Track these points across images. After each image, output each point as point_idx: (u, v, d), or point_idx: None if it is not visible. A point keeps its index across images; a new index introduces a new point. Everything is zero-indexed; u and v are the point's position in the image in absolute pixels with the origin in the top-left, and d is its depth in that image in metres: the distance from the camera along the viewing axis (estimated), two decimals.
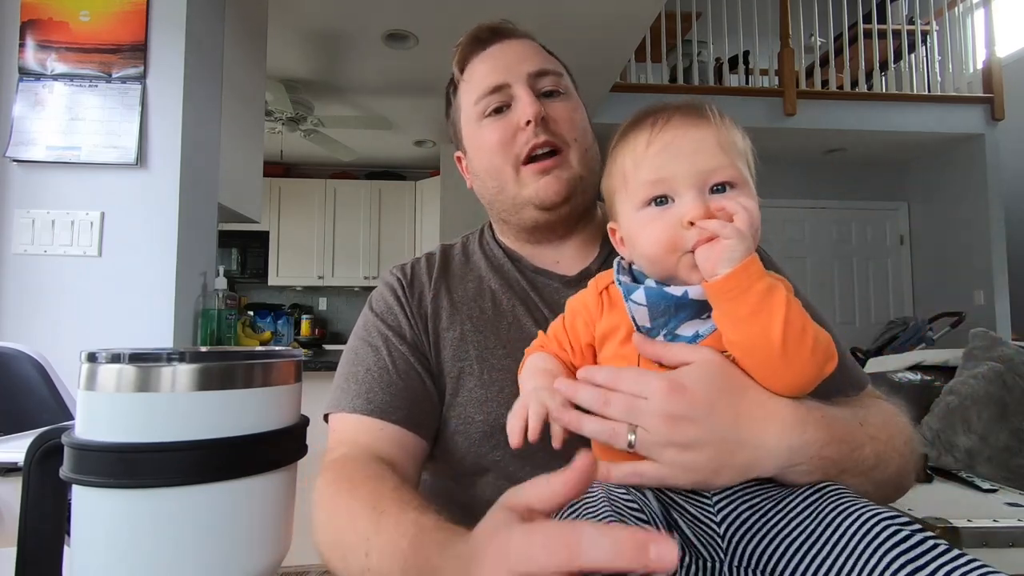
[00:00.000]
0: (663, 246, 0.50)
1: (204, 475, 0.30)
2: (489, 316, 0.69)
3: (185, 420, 0.30)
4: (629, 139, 0.54)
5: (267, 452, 0.33)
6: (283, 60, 3.04)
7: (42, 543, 0.34)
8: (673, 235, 0.49)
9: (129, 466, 0.30)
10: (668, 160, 0.51)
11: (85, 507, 0.30)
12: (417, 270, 0.74)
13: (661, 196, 0.51)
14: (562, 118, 0.68)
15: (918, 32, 4.27)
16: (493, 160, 0.69)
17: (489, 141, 0.69)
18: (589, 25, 2.71)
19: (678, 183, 0.50)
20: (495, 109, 0.69)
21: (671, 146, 0.51)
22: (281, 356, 0.35)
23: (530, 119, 0.66)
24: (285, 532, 0.35)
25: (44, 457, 0.34)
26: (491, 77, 0.69)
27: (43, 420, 0.86)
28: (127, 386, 0.30)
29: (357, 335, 0.72)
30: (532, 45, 0.73)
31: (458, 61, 0.73)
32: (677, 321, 0.50)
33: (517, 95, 0.68)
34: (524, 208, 0.69)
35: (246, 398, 0.32)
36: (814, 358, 0.46)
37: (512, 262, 0.74)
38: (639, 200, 0.52)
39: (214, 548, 0.31)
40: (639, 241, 0.53)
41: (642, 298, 0.51)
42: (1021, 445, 1.90)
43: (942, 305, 4.15)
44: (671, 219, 0.50)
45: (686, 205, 0.49)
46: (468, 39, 0.72)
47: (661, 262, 0.51)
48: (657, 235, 0.50)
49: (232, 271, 4.69)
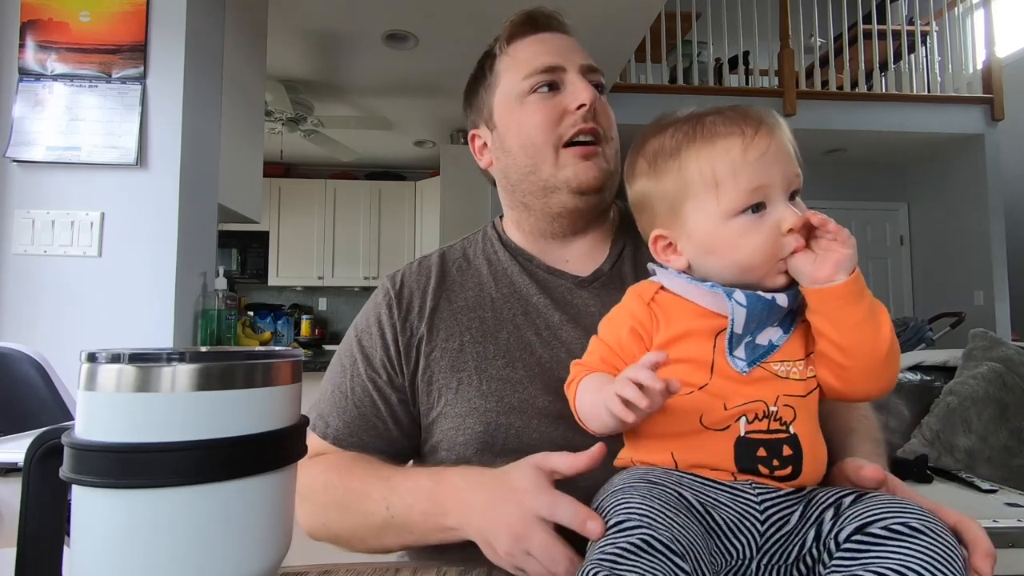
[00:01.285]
0: (764, 254, 0.51)
1: (204, 475, 0.30)
2: (489, 326, 0.68)
3: (185, 420, 0.30)
4: (716, 144, 0.52)
5: (267, 452, 0.33)
6: (283, 60, 3.04)
7: (42, 543, 0.34)
8: (775, 243, 0.50)
9: (129, 466, 0.29)
10: (767, 167, 0.51)
11: (85, 507, 0.30)
12: (409, 282, 0.73)
13: (759, 203, 0.51)
14: (605, 113, 0.70)
15: (918, 32, 4.27)
16: (534, 137, 0.68)
17: (533, 118, 0.68)
18: (589, 25, 2.71)
19: (773, 191, 0.51)
20: (546, 86, 0.68)
21: (767, 155, 0.51)
22: (281, 356, 0.35)
23: (585, 103, 0.66)
24: (285, 532, 0.35)
25: (44, 457, 0.34)
26: (546, 57, 0.69)
27: (43, 420, 0.86)
28: (127, 386, 0.30)
29: (340, 346, 0.75)
30: (579, 44, 0.74)
31: (507, 36, 0.73)
32: (761, 328, 0.51)
33: (571, 80, 0.68)
34: (556, 192, 0.68)
35: (246, 398, 0.32)
36: (898, 366, 0.49)
37: (520, 263, 0.73)
38: (734, 207, 0.51)
39: (214, 548, 0.31)
40: (735, 250, 0.51)
41: (743, 299, 0.50)
42: (1021, 445, 1.90)
43: (942, 305, 4.15)
44: (770, 226, 0.50)
45: (781, 213, 0.50)
46: (523, 17, 0.72)
47: (757, 269, 0.51)
48: (758, 243, 0.51)
49: (232, 271, 4.68)
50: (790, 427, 0.49)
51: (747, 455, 0.48)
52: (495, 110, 0.73)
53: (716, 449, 0.49)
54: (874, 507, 0.42)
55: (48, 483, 0.34)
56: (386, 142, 4.48)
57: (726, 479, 0.48)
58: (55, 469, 0.32)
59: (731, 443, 0.48)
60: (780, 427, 0.49)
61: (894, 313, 4.68)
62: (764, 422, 0.49)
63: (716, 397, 0.49)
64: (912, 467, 1.59)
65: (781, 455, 0.48)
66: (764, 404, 0.49)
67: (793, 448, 0.48)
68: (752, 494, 0.47)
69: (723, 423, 0.49)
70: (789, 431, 0.49)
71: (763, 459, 0.48)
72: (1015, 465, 1.89)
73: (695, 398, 0.50)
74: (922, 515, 0.40)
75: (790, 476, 0.48)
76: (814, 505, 0.46)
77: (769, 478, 0.48)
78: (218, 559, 0.31)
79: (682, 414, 0.50)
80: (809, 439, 0.49)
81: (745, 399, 0.49)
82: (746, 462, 0.48)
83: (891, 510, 0.41)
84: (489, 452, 0.63)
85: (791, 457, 0.48)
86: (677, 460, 0.50)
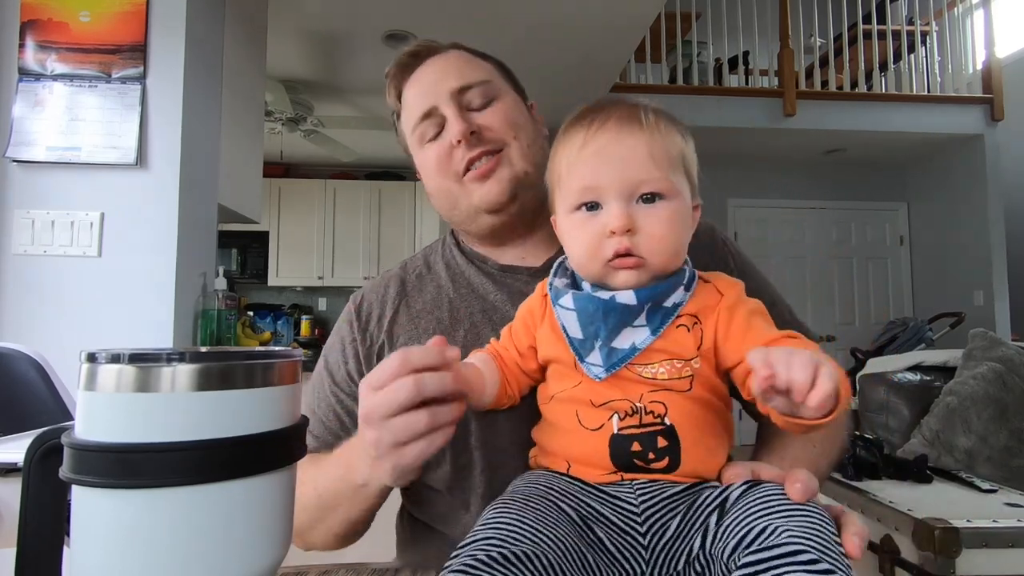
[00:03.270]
0: (588, 252, 0.51)
1: (204, 475, 0.30)
2: (446, 325, 0.69)
3: (185, 420, 0.30)
4: (567, 138, 0.54)
5: (267, 452, 0.33)
6: (283, 60, 3.04)
7: (41, 543, 0.34)
8: (598, 242, 0.51)
9: (129, 466, 0.29)
10: (598, 166, 0.51)
11: (85, 507, 0.30)
12: (369, 296, 0.75)
13: (589, 201, 0.52)
14: (494, 124, 0.69)
15: (918, 33, 4.27)
16: (438, 181, 0.70)
17: (430, 164, 0.70)
18: (589, 25, 2.71)
19: (605, 191, 0.51)
20: (433, 135, 0.70)
21: (602, 153, 0.51)
22: (281, 356, 0.35)
23: (459, 139, 0.67)
24: (285, 532, 0.35)
25: (44, 457, 0.34)
26: (420, 103, 0.70)
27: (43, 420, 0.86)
28: (127, 386, 0.30)
29: (318, 365, 0.76)
30: (457, 57, 0.73)
31: (393, 92, 0.75)
32: (607, 329, 0.50)
33: (446, 115, 0.68)
34: (478, 216, 0.70)
35: (246, 398, 0.32)
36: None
37: (477, 265, 0.74)
38: (570, 204, 0.53)
39: (214, 548, 0.31)
40: (568, 243, 0.55)
41: (570, 303, 0.52)
42: (1021, 445, 1.91)
43: (942, 305, 4.15)
44: (597, 226, 0.51)
45: (610, 214, 0.50)
46: (394, 68, 0.74)
47: (586, 267, 0.53)
48: (583, 240, 0.52)
49: (232, 271, 4.68)
50: (665, 419, 0.48)
51: (622, 451, 0.48)
52: (413, 159, 0.75)
53: (595, 448, 0.49)
54: (748, 513, 0.40)
55: (48, 483, 0.34)
56: (386, 142, 4.47)
57: (613, 479, 0.48)
58: (55, 469, 0.32)
59: (606, 441, 0.48)
60: (654, 420, 0.48)
61: (894, 313, 4.69)
62: (635, 417, 0.48)
63: (586, 395, 0.50)
64: (912, 467, 1.59)
65: (656, 447, 0.48)
66: (629, 402, 0.49)
67: (669, 439, 0.48)
68: (634, 500, 0.47)
69: (596, 422, 0.49)
70: (664, 423, 0.48)
71: (638, 453, 0.48)
72: (1015, 465, 1.89)
73: (571, 396, 0.51)
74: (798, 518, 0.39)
75: (668, 468, 0.47)
76: (697, 508, 0.45)
77: (647, 472, 0.48)
78: (218, 559, 0.31)
79: (563, 416, 0.52)
80: (690, 428, 0.48)
81: (609, 397, 0.49)
82: (621, 459, 0.48)
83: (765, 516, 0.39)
84: (452, 449, 0.63)
85: (667, 448, 0.47)
86: (569, 461, 0.50)
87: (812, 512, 0.39)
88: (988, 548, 1.16)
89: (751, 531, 0.39)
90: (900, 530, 1.28)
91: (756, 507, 0.40)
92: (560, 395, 0.53)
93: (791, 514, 0.39)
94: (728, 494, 0.44)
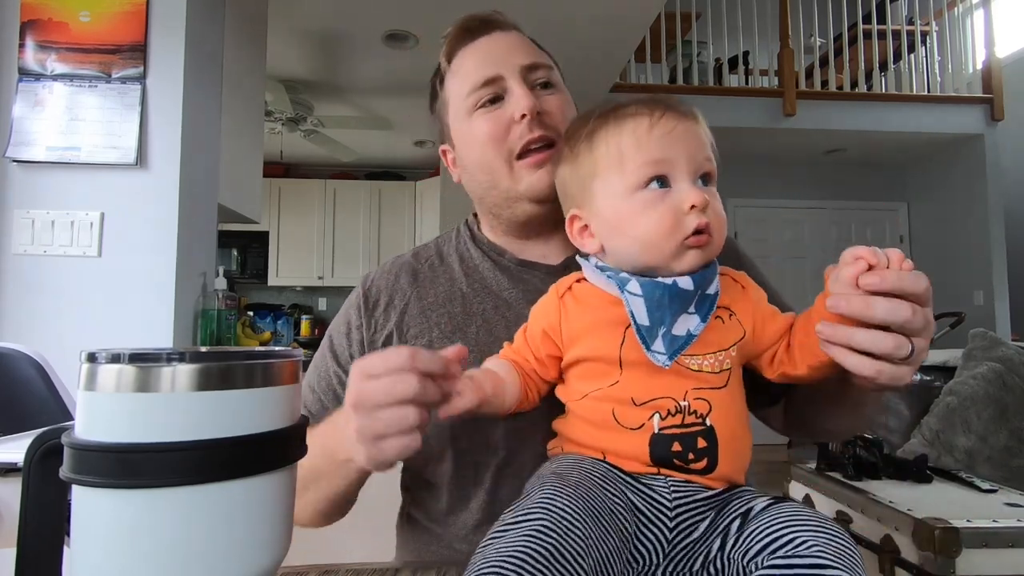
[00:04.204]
0: (665, 229, 0.50)
1: (204, 475, 0.30)
2: (458, 321, 0.68)
3: (185, 420, 0.30)
4: (625, 123, 0.53)
5: (267, 452, 0.33)
6: (283, 60, 3.04)
7: (42, 543, 0.34)
8: (676, 219, 0.49)
9: (129, 466, 0.29)
10: (671, 143, 0.51)
11: (85, 507, 0.30)
12: (378, 281, 0.74)
13: (661, 176, 0.51)
14: (556, 111, 0.67)
15: (918, 32, 4.27)
16: (485, 154, 0.67)
17: (481, 135, 0.66)
18: (589, 25, 2.71)
19: (677, 167, 0.51)
20: (489, 100, 0.66)
21: (673, 133, 0.52)
22: (281, 356, 0.35)
23: (525, 112, 0.64)
24: (285, 532, 0.35)
25: (44, 457, 0.34)
26: (483, 69, 0.66)
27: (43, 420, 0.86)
28: (127, 386, 0.30)
29: (322, 343, 0.75)
30: (522, 38, 0.71)
31: (446, 52, 0.71)
32: (671, 315, 0.49)
33: (511, 88, 0.66)
34: (518, 202, 0.68)
35: (246, 398, 0.32)
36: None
37: (493, 259, 0.72)
38: (637, 180, 0.51)
39: (214, 548, 0.31)
40: (636, 223, 0.51)
41: (637, 288, 0.50)
42: (1021, 445, 1.90)
43: (942, 305, 4.13)
44: (674, 202, 0.50)
45: (684, 190, 0.50)
46: (457, 30, 0.70)
47: (658, 247, 0.50)
48: (657, 217, 0.50)
49: (232, 271, 4.68)
50: (706, 419, 0.48)
51: (662, 451, 0.48)
52: (451, 129, 0.72)
53: (635, 445, 0.48)
54: (773, 523, 0.41)
55: (48, 483, 0.34)
56: (386, 142, 4.48)
57: (651, 471, 0.48)
58: (55, 469, 0.32)
59: (647, 440, 0.48)
60: (696, 420, 0.48)
61: None
62: (678, 417, 0.48)
63: (626, 394, 0.49)
64: (912, 467, 1.59)
65: (696, 448, 0.48)
66: (674, 400, 0.49)
67: (708, 440, 0.48)
68: (667, 495, 0.47)
69: (637, 422, 0.49)
70: (705, 423, 0.48)
71: (678, 454, 0.48)
72: (1015, 465, 1.89)
73: (607, 395, 0.50)
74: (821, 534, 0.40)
75: (706, 469, 0.48)
76: (724, 514, 0.46)
77: (685, 471, 0.48)
78: (218, 559, 0.31)
79: (597, 412, 0.51)
80: (727, 431, 0.49)
81: (652, 395, 0.49)
82: (661, 457, 0.48)
83: (791, 528, 0.40)
84: (457, 445, 0.63)
85: (706, 449, 0.48)
86: (604, 452, 0.50)
87: (837, 533, 0.40)
88: (988, 548, 1.16)
89: (778, 539, 0.40)
90: (900, 530, 1.28)
91: (783, 520, 0.41)
92: (595, 394, 0.51)
93: (817, 531, 0.39)
94: (752, 504, 0.45)
